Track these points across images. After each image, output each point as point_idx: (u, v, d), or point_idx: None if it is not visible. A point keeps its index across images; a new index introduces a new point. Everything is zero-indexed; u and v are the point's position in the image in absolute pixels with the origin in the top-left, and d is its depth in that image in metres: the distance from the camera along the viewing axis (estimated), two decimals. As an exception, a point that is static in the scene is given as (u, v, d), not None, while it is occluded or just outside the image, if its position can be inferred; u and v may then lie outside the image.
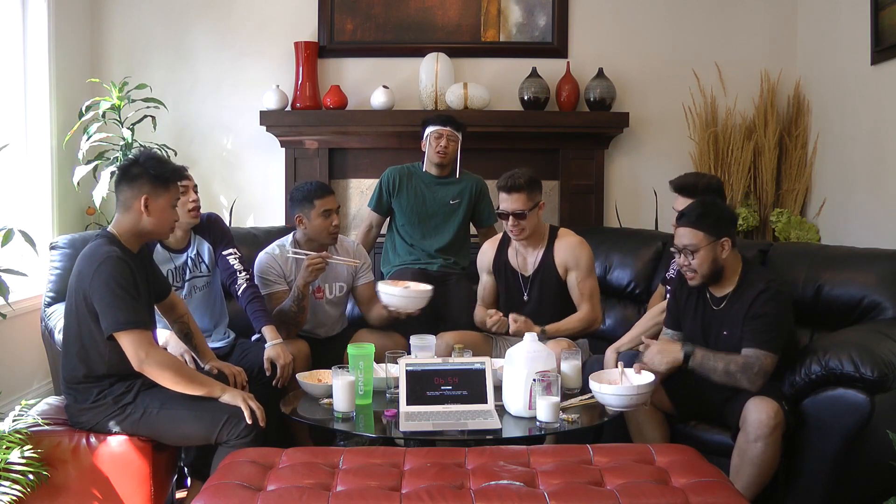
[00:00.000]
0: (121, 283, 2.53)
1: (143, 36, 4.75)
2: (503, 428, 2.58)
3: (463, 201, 3.97)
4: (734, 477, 2.64)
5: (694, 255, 2.82)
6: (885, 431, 2.55)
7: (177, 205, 2.77)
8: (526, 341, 2.73)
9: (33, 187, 4.18)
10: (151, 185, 2.66)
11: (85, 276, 2.58)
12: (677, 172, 4.63)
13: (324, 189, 3.44)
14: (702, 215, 2.83)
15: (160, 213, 2.68)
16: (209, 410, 2.60)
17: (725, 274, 2.86)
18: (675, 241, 2.89)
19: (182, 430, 2.63)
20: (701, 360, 2.77)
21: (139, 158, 2.72)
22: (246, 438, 2.56)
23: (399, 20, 4.77)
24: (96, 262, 2.56)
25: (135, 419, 2.63)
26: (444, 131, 3.87)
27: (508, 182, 3.32)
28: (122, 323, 2.53)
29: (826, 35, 4.48)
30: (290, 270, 3.42)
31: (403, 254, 3.97)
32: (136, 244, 2.73)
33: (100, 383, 2.64)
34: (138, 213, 2.66)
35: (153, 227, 2.69)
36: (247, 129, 4.75)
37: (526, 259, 3.46)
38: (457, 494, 2.05)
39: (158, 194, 2.67)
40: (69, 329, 2.69)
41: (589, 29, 4.81)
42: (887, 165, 3.88)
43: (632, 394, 2.67)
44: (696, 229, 2.81)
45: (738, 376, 2.71)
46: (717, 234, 2.81)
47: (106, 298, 2.53)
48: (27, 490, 2.48)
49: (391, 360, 2.93)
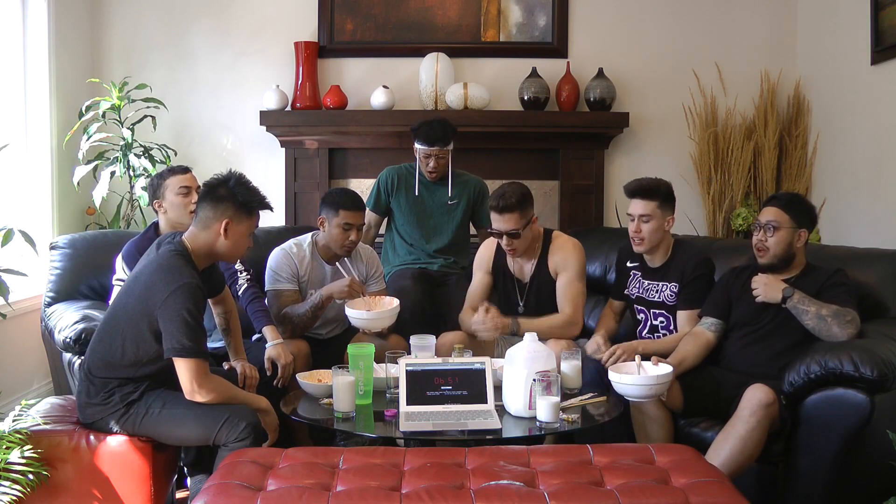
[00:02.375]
0: (193, 312, 2.54)
1: (143, 36, 4.75)
2: (503, 428, 2.58)
3: (461, 201, 3.97)
4: (712, 451, 2.65)
5: (774, 232, 2.96)
6: (885, 431, 2.55)
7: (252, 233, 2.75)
8: (526, 341, 2.73)
9: (33, 187, 4.18)
10: (235, 210, 2.66)
11: (158, 292, 2.55)
12: (677, 172, 4.69)
13: (353, 203, 3.37)
14: (792, 201, 3.04)
15: (237, 238, 2.68)
16: (209, 412, 2.61)
17: (792, 264, 3.01)
18: (759, 217, 3.03)
19: (182, 430, 2.63)
20: (798, 301, 2.86)
21: (229, 180, 2.69)
22: (245, 441, 2.56)
23: (399, 20, 4.77)
24: (174, 283, 2.54)
25: (137, 419, 2.63)
26: (433, 151, 3.84)
27: (500, 203, 3.22)
28: (185, 350, 2.53)
29: (826, 35, 4.48)
30: (305, 271, 3.40)
31: (403, 254, 3.97)
32: (205, 263, 2.72)
33: (117, 381, 2.64)
34: (216, 235, 2.65)
35: (226, 251, 2.69)
36: (247, 129, 4.75)
37: (523, 267, 3.45)
38: (457, 494, 2.05)
39: (240, 220, 2.67)
40: (114, 325, 2.66)
41: (589, 29, 4.81)
42: (887, 165, 3.88)
43: (651, 384, 2.71)
44: (784, 211, 2.98)
45: (829, 320, 2.79)
46: (800, 223, 2.99)
47: (175, 323, 2.52)
48: (27, 490, 2.48)
49: (391, 360, 2.93)
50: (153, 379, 2.67)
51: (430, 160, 3.87)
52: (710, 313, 3.11)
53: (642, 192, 3.26)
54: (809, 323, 2.83)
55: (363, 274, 3.51)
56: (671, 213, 3.29)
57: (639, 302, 3.35)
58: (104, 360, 2.65)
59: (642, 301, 3.33)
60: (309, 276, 3.40)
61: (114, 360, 2.63)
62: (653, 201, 3.23)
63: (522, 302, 3.43)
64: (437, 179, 3.93)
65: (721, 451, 2.65)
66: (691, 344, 3.05)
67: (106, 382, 2.65)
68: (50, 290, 3.53)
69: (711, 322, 3.09)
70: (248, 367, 2.94)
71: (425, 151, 3.87)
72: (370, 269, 3.54)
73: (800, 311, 2.85)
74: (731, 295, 3.10)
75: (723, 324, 3.08)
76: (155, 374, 2.66)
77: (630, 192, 3.30)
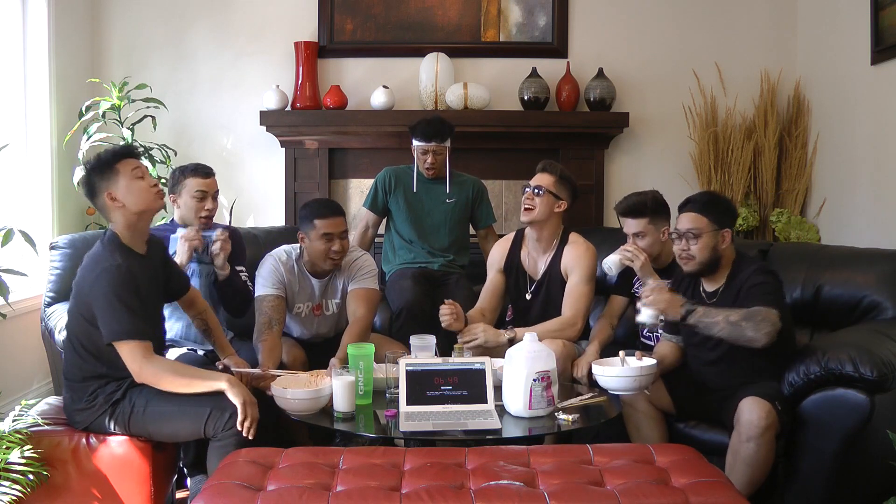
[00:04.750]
0: (119, 293, 2.52)
1: (143, 36, 4.75)
2: (503, 428, 2.58)
3: (459, 200, 3.97)
4: (728, 475, 2.64)
5: (696, 239, 2.85)
6: (886, 431, 2.55)
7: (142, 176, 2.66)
8: (526, 341, 2.73)
9: (33, 187, 4.18)
10: (101, 179, 2.63)
11: (86, 283, 2.58)
12: (677, 172, 4.70)
13: (329, 209, 3.20)
14: (709, 203, 2.90)
15: (126, 192, 2.62)
16: (192, 405, 2.59)
17: (720, 266, 2.90)
18: (677, 225, 2.92)
19: (170, 426, 2.62)
20: (701, 315, 2.73)
21: (85, 167, 2.70)
22: (232, 430, 2.54)
23: (399, 20, 4.77)
24: (97, 269, 2.55)
25: (125, 418, 2.62)
26: (430, 147, 3.86)
27: (545, 164, 3.40)
28: (120, 333, 2.53)
29: (826, 35, 4.48)
30: (291, 282, 3.27)
31: (402, 253, 3.97)
32: (140, 241, 2.69)
33: (96, 381, 2.64)
34: (114, 209, 2.63)
35: (137, 208, 2.63)
36: (247, 129, 4.75)
37: (536, 262, 3.43)
38: (457, 494, 2.05)
39: (112, 181, 2.63)
40: (71, 328, 2.70)
41: (589, 29, 4.81)
42: (887, 165, 3.88)
43: (634, 375, 2.71)
44: (702, 215, 2.87)
45: (741, 325, 2.66)
46: (721, 223, 2.87)
47: (104, 308, 2.53)
48: (27, 490, 2.48)
49: (391, 360, 2.93)
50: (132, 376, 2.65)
51: (427, 156, 3.87)
52: (667, 330, 3.07)
53: (630, 212, 3.24)
54: (722, 333, 2.69)
55: (345, 283, 3.32)
56: (666, 224, 3.27)
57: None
58: (75, 365, 2.67)
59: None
60: (297, 290, 3.29)
61: (82, 362, 2.64)
62: (643, 218, 3.22)
63: (531, 290, 3.41)
64: (435, 177, 3.93)
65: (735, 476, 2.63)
66: (667, 347, 3.05)
67: (86, 386, 2.65)
68: (50, 290, 3.53)
69: (671, 337, 3.06)
70: (241, 363, 2.92)
71: (423, 147, 3.87)
72: (352, 272, 3.31)
73: (708, 325, 2.72)
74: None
75: (681, 338, 3.03)
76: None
77: (619, 213, 3.30)
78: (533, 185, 3.34)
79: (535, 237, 3.39)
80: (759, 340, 2.65)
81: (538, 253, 3.42)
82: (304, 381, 2.82)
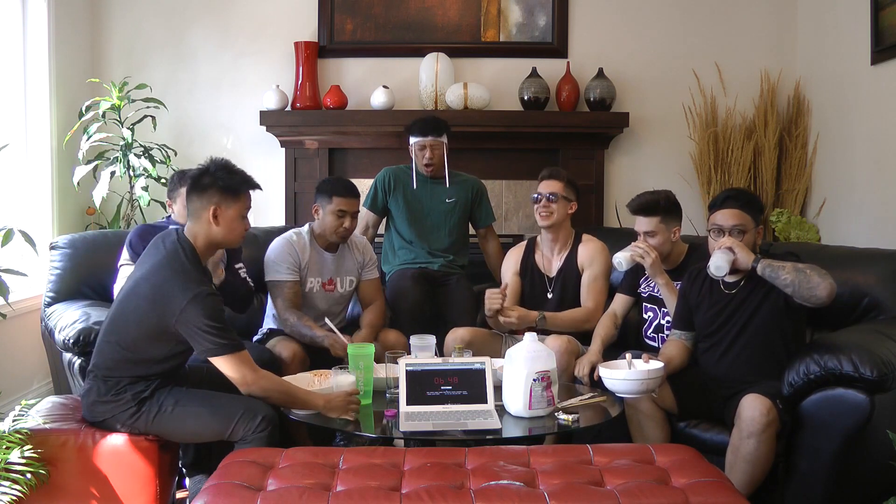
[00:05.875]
0: (214, 318, 2.53)
1: (143, 36, 4.75)
2: (503, 428, 2.58)
3: (459, 201, 3.97)
4: (728, 473, 2.64)
5: (742, 235, 2.91)
6: (886, 431, 2.55)
7: (246, 216, 2.72)
8: (526, 341, 2.73)
9: (33, 187, 4.18)
10: (221, 195, 2.64)
11: (173, 302, 2.53)
12: (677, 172, 4.70)
13: (346, 189, 3.44)
14: (749, 202, 2.98)
15: (229, 223, 2.66)
16: (224, 406, 2.61)
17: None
18: (720, 220, 2.95)
19: (196, 426, 2.62)
20: (770, 261, 2.80)
21: (209, 168, 2.68)
22: (262, 433, 2.56)
23: (399, 20, 4.77)
24: (188, 293, 2.52)
25: (150, 416, 2.62)
26: (427, 142, 3.88)
27: (549, 171, 3.52)
28: (219, 349, 2.54)
29: (826, 35, 4.48)
30: (306, 259, 3.43)
31: (402, 253, 3.97)
32: (208, 254, 2.72)
33: (128, 378, 2.63)
34: (207, 224, 2.64)
35: (222, 238, 2.67)
36: (247, 129, 4.75)
37: (551, 261, 3.55)
38: (457, 494, 2.05)
39: (228, 204, 2.65)
40: (117, 327, 2.65)
41: (589, 29, 4.81)
42: (887, 165, 3.88)
43: (643, 378, 2.71)
44: (746, 213, 2.93)
45: (807, 272, 2.73)
46: (757, 221, 2.97)
47: (198, 334, 2.53)
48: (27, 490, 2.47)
49: (391, 360, 2.93)
50: (164, 377, 2.67)
51: (425, 151, 3.88)
52: (677, 327, 3.09)
53: (642, 210, 3.26)
54: (787, 277, 2.74)
55: (359, 263, 3.57)
56: (677, 224, 3.29)
57: (650, 300, 3.35)
58: (114, 360, 2.64)
59: (654, 299, 3.33)
60: (308, 264, 3.44)
61: (125, 359, 2.63)
62: (654, 217, 3.24)
63: (551, 291, 3.51)
64: (434, 175, 3.93)
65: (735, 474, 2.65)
66: (674, 347, 3.05)
67: (118, 381, 2.64)
68: (50, 290, 3.53)
69: (681, 334, 3.07)
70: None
71: (420, 143, 3.89)
72: (365, 257, 3.60)
73: (775, 269, 2.77)
74: (690, 303, 3.06)
75: (693, 334, 3.06)
76: (167, 371, 2.67)
77: (632, 210, 3.31)
78: (547, 193, 3.47)
79: (552, 239, 3.54)
80: (823, 288, 2.70)
81: (553, 254, 3.55)
82: (307, 380, 2.84)
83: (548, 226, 3.48)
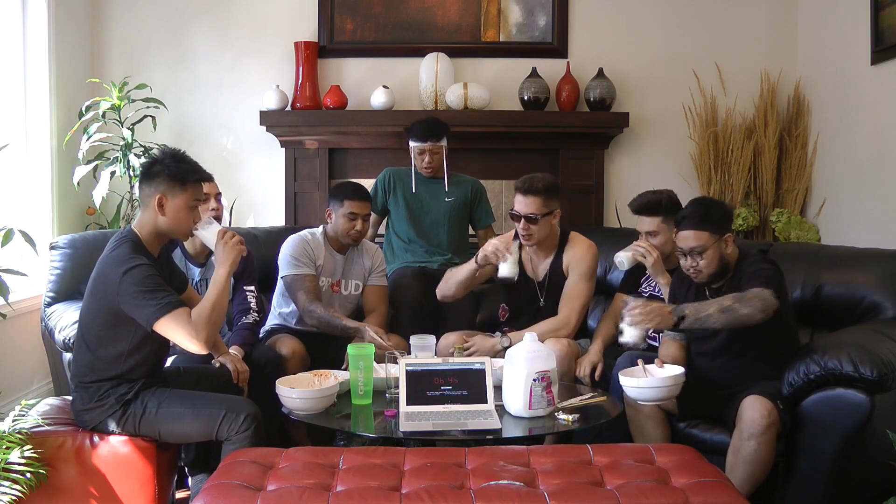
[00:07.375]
0: (145, 283, 2.51)
1: (143, 36, 4.75)
2: (503, 428, 2.58)
3: (458, 200, 3.98)
4: (729, 474, 2.64)
5: (702, 255, 2.84)
6: (885, 431, 2.55)
7: (197, 207, 2.68)
8: (526, 341, 2.73)
9: (33, 187, 4.18)
10: (168, 183, 2.62)
11: (111, 281, 2.54)
12: (677, 172, 4.69)
13: (357, 193, 3.48)
14: (705, 216, 2.86)
15: (175, 212, 2.62)
16: (206, 407, 2.61)
17: (730, 269, 2.91)
18: (679, 244, 2.90)
19: (182, 427, 2.63)
20: (694, 315, 2.68)
21: (161, 156, 2.67)
22: (246, 432, 2.56)
23: (399, 20, 4.77)
24: (122, 266, 2.53)
25: (136, 419, 2.63)
26: (426, 147, 3.88)
27: (526, 184, 3.26)
28: (160, 310, 2.50)
29: (826, 35, 4.48)
30: (321, 258, 3.47)
31: (402, 253, 3.97)
32: (157, 245, 2.69)
33: (108, 382, 2.64)
34: (153, 213, 2.63)
35: (168, 228, 2.64)
36: (247, 129, 4.75)
37: (537, 267, 3.44)
38: (457, 494, 2.05)
39: (174, 193, 2.62)
40: (85, 330, 2.67)
41: (589, 29, 4.81)
42: (887, 165, 3.88)
43: (667, 385, 2.70)
44: (702, 230, 2.84)
45: (734, 307, 2.62)
46: (721, 231, 2.86)
47: (137, 298, 2.51)
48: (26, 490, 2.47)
49: (391, 360, 2.93)
50: (146, 377, 2.66)
51: (424, 156, 3.89)
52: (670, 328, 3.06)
53: (644, 209, 3.26)
54: (718, 322, 2.66)
55: (367, 268, 3.59)
56: None
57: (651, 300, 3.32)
58: (88, 366, 2.65)
59: (655, 299, 3.31)
60: (322, 265, 3.48)
61: (97, 361, 2.63)
62: (656, 217, 3.23)
63: (542, 297, 3.41)
64: (434, 176, 3.94)
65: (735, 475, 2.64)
66: (672, 348, 3.05)
67: (98, 386, 2.64)
68: (50, 290, 3.52)
69: (675, 335, 3.05)
70: (237, 362, 2.94)
71: (419, 147, 3.89)
72: (374, 263, 3.61)
73: (702, 320, 2.66)
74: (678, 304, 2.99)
75: (685, 335, 3.03)
76: (143, 367, 2.65)
77: (634, 210, 3.30)
78: (523, 215, 3.26)
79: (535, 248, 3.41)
80: (755, 315, 2.61)
81: (539, 257, 3.44)
82: (307, 380, 2.83)
83: (530, 245, 3.36)
